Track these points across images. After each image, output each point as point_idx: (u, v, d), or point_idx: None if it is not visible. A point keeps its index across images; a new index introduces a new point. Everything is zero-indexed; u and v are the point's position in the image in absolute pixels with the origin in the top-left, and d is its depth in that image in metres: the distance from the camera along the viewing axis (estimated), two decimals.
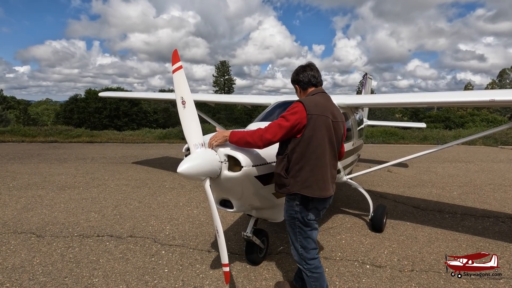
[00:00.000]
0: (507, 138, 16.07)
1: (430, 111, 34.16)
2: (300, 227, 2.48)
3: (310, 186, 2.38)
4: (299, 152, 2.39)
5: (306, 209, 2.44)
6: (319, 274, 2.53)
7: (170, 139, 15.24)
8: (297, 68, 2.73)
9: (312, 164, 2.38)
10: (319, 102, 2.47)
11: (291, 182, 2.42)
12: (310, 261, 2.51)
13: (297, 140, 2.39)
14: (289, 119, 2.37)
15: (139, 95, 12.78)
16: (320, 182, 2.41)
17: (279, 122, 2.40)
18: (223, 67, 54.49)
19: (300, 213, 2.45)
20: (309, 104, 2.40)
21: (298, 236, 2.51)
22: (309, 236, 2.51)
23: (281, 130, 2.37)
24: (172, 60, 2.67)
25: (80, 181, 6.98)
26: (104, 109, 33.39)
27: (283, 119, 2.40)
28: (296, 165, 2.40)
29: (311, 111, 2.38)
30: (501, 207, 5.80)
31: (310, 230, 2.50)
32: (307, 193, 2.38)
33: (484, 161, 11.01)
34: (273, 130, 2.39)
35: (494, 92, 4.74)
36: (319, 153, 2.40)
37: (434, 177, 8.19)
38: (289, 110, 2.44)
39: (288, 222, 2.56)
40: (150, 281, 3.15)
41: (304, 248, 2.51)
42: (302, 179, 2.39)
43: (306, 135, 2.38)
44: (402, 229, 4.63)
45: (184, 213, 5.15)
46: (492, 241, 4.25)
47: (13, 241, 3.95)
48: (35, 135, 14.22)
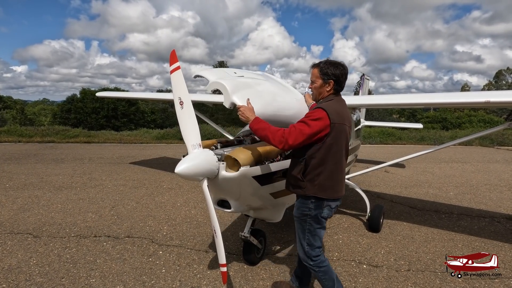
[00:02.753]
0: (503, 139, 16.17)
1: (427, 112, 34.34)
2: (311, 224, 2.50)
3: (326, 190, 2.43)
4: (318, 158, 2.40)
5: (320, 207, 2.47)
6: (326, 267, 2.58)
7: (168, 140, 15.20)
8: (342, 67, 2.52)
9: (331, 169, 2.42)
10: (339, 110, 2.45)
11: (307, 185, 2.44)
12: (315, 258, 2.56)
13: (318, 146, 2.39)
14: (311, 125, 2.33)
15: (137, 95, 12.75)
16: (335, 185, 2.47)
17: (300, 128, 2.35)
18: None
19: (314, 210, 2.47)
20: (332, 112, 2.37)
21: (307, 234, 2.53)
22: (317, 234, 2.53)
23: (302, 136, 2.34)
24: (170, 61, 2.67)
25: (77, 182, 6.96)
26: (101, 109, 33.26)
27: (304, 124, 2.35)
28: (314, 170, 2.41)
29: (334, 120, 2.36)
30: (497, 207, 5.85)
31: (319, 228, 2.53)
32: (323, 195, 2.43)
33: (481, 161, 11.08)
34: (295, 135, 2.33)
35: (490, 93, 4.78)
36: (337, 159, 2.44)
37: (431, 178, 8.23)
38: (311, 115, 2.38)
39: (299, 219, 2.57)
40: (148, 281, 3.15)
41: (310, 245, 2.54)
42: (319, 183, 2.42)
43: (327, 143, 2.38)
44: (399, 229, 4.65)
45: (181, 213, 5.15)
46: (487, 241, 4.29)
47: (10, 242, 3.94)
48: (32, 135, 14.13)
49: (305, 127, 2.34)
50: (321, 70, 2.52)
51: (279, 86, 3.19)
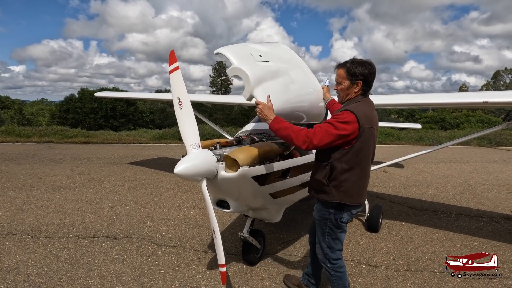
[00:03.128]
0: (501, 139, 16.25)
1: (426, 112, 34.44)
2: (331, 228, 2.45)
3: (352, 196, 2.35)
4: (346, 162, 2.30)
5: (340, 212, 2.41)
6: (342, 273, 2.54)
7: (166, 140, 15.19)
8: (370, 66, 2.39)
9: (358, 174, 2.34)
10: (368, 113, 2.34)
11: (332, 191, 2.35)
12: (334, 260, 2.51)
13: (345, 150, 2.29)
14: (339, 128, 2.22)
15: (136, 95, 12.74)
16: (360, 191, 2.40)
17: (326, 129, 2.23)
18: (220, 67, 54.39)
19: (334, 215, 2.41)
20: (362, 116, 2.25)
21: (327, 237, 2.49)
22: (338, 238, 2.49)
23: (328, 137, 2.22)
24: (169, 61, 2.67)
25: (76, 182, 6.94)
26: (100, 109, 33.20)
27: (331, 126, 2.24)
28: (341, 175, 2.32)
29: (363, 124, 2.25)
30: (495, 207, 5.87)
31: (340, 232, 2.48)
32: (348, 201, 2.35)
33: (479, 161, 11.12)
34: (320, 135, 2.22)
35: (488, 93, 4.80)
36: (364, 163, 2.36)
37: (429, 178, 8.26)
38: (338, 117, 2.26)
39: (319, 222, 2.53)
40: (147, 282, 3.15)
41: (330, 248, 2.50)
42: (345, 189, 2.33)
43: (356, 147, 2.28)
44: (398, 229, 4.66)
45: (180, 213, 5.14)
46: (486, 241, 4.30)
47: (8, 242, 3.92)
48: (30, 135, 14.08)
49: (332, 129, 2.22)
50: (348, 71, 2.38)
51: (300, 73, 2.95)
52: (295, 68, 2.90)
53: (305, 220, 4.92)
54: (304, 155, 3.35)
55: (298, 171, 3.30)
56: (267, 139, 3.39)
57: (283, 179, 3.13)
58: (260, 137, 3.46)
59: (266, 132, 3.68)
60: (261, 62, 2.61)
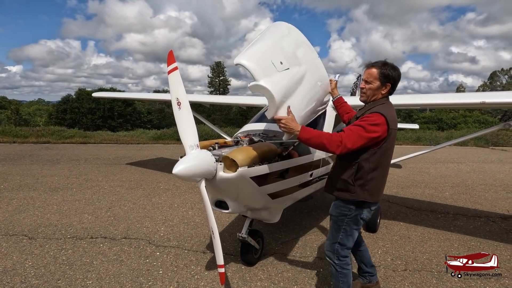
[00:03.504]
0: (498, 139, 16.35)
1: (423, 112, 34.58)
2: (349, 224, 2.50)
3: (374, 194, 2.45)
4: (373, 162, 2.38)
5: (361, 209, 2.47)
6: (348, 271, 2.60)
7: (164, 140, 15.16)
8: (399, 71, 2.48)
9: (382, 173, 2.45)
10: (393, 115, 2.42)
11: (357, 190, 2.41)
12: (342, 258, 2.57)
13: (373, 151, 2.36)
14: (370, 130, 2.28)
15: (134, 96, 12.73)
16: (381, 189, 2.49)
17: (358, 132, 2.29)
18: (218, 67, 54.36)
19: (354, 211, 2.47)
20: (390, 118, 2.34)
21: (341, 233, 2.53)
22: (352, 235, 2.54)
23: (361, 140, 2.28)
24: (167, 61, 2.67)
25: (73, 183, 6.90)
26: (97, 110, 33.10)
27: (362, 128, 2.29)
28: (367, 174, 2.39)
29: (391, 126, 2.35)
30: (492, 207, 5.90)
31: (356, 229, 2.54)
32: (370, 199, 2.43)
33: (476, 161, 11.18)
34: (353, 139, 2.27)
35: (485, 94, 4.83)
36: (387, 163, 2.47)
37: (427, 178, 8.29)
38: (368, 120, 2.31)
39: (336, 218, 2.56)
40: (145, 282, 3.14)
41: (342, 245, 2.54)
42: (370, 188, 2.41)
43: (383, 148, 2.37)
44: (396, 229, 4.68)
45: (179, 214, 5.13)
46: (483, 241, 4.33)
47: (5, 244, 3.90)
48: (27, 136, 14.02)
49: (364, 132, 2.28)
50: (382, 72, 2.43)
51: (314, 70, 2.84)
52: (309, 64, 2.80)
53: (304, 220, 4.93)
54: (303, 156, 3.36)
55: (297, 172, 3.30)
56: (265, 140, 3.39)
57: (281, 179, 3.13)
58: (258, 138, 3.46)
59: (265, 132, 3.68)
60: (283, 72, 2.51)
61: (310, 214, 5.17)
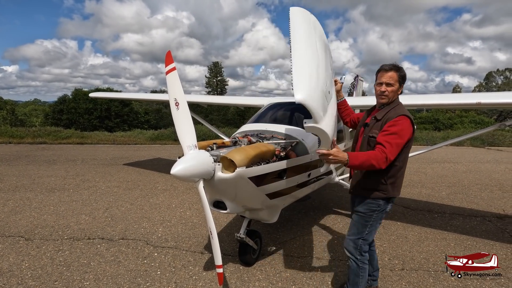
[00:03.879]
0: (494, 139, 16.47)
1: (420, 113, 34.77)
2: (376, 219, 2.62)
3: (400, 188, 2.63)
4: (400, 160, 2.51)
5: (387, 203, 2.62)
6: (367, 266, 2.71)
7: (162, 140, 15.11)
8: None
9: (404, 169, 2.62)
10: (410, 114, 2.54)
11: (388, 188, 2.53)
12: (364, 253, 2.67)
13: (401, 151, 2.48)
14: (403, 136, 2.41)
15: (131, 96, 12.70)
16: (402, 183, 2.66)
17: (396, 142, 2.37)
18: (215, 68, 54.30)
19: (383, 206, 2.59)
20: (412, 118, 2.49)
21: (367, 229, 2.62)
22: (375, 229, 2.69)
23: (399, 148, 2.41)
24: (165, 62, 2.67)
25: (70, 183, 6.87)
26: (94, 110, 32.93)
27: (397, 136, 2.38)
28: (397, 172, 2.54)
29: (414, 126, 2.51)
30: (488, 206, 5.95)
31: (380, 223, 2.70)
32: (397, 194, 2.60)
33: (472, 161, 11.27)
34: (394, 151, 2.37)
35: (481, 95, 4.88)
36: (407, 159, 2.62)
37: (424, 178, 8.34)
38: (398, 125, 2.41)
39: (364, 215, 2.61)
40: (143, 283, 3.13)
41: (365, 240, 2.65)
42: (398, 184, 2.58)
43: (408, 146, 2.51)
44: (393, 229, 4.70)
45: (176, 214, 5.12)
46: (479, 240, 4.36)
47: (1, 245, 3.87)
48: (23, 136, 13.92)
49: (399, 139, 2.39)
50: (401, 75, 2.56)
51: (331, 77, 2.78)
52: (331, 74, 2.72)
53: (301, 220, 4.94)
54: (301, 156, 3.36)
55: (295, 172, 3.31)
56: (263, 140, 3.39)
57: (279, 179, 3.14)
58: (256, 138, 3.46)
59: (263, 132, 3.69)
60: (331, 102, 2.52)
61: (308, 214, 5.18)
